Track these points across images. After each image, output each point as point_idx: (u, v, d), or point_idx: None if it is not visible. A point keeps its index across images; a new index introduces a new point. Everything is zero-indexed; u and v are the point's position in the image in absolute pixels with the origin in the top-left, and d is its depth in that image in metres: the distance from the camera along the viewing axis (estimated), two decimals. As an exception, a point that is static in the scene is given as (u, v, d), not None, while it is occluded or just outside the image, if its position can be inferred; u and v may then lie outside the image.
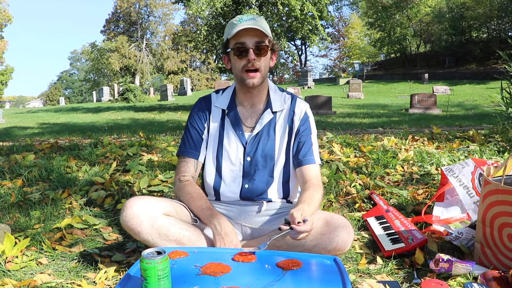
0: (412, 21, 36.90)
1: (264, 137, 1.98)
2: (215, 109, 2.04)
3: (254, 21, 1.85)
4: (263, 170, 1.98)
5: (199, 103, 2.08)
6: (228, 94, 2.06)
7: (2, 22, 40.15)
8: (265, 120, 1.99)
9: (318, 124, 9.18)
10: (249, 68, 1.87)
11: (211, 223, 1.81)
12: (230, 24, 1.90)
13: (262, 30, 1.82)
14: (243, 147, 1.98)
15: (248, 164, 1.98)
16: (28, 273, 1.91)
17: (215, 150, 2.01)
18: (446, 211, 2.47)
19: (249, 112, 2.02)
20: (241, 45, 1.85)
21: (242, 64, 1.87)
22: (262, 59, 1.88)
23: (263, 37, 1.86)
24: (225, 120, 2.02)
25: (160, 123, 11.62)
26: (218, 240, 1.77)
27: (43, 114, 18.74)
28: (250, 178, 1.98)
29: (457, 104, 17.10)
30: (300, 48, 52.08)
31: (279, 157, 1.99)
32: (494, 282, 1.59)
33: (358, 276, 1.87)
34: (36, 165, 3.53)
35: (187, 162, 2.01)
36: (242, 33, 1.82)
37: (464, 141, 4.51)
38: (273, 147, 1.98)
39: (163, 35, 53.73)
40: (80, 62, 74.50)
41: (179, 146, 2.07)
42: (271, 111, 2.00)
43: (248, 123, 2.01)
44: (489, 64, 30.01)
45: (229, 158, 1.99)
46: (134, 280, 1.41)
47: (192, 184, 1.96)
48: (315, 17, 16.17)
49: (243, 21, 1.84)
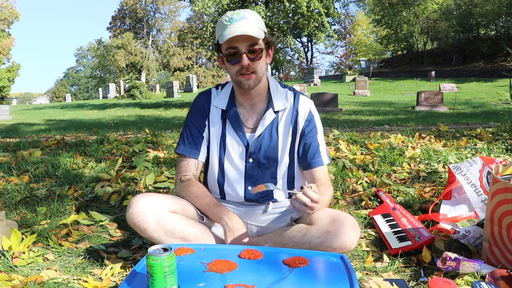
0: (419, 18, 36.74)
1: (266, 139, 1.91)
2: (214, 107, 1.97)
3: (246, 20, 1.74)
4: (267, 172, 1.93)
5: (199, 99, 2.01)
6: (227, 93, 1.97)
7: (10, 19, 40.35)
8: (267, 121, 1.90)
9: (324, 122, 9.17)
10: (243, 72, 1.78)
11: (221, 219, 1.79)
12: (220, 23, 1.78)
13: (255, 36, 1.72)
14: (245, 149, 1.92)
15: (251, 166, 1.92)
16: (35, 269, 1.91)
17: (218, 151, 1.95)
18: (454, 209, 2.46)
19: (249, 113, 1.94)
20: (233, 50, 1.76)
21: (236, 69, 1.79)
22: (256, 62, 1.79)
23: (256, 39, 1.75)
24: (226, 120, 1.94)
25: (166, 119, 11.63)
26: (230, 236, 1.75)
27: (49, 111, 18.82)
28: (253, 180, 1.93)
29: (464, 102, 16.99)
30: (306, 45, 52.01)
31: (283, 158, 1.94)
32: (503, 281, 1.58)
33: (365, 274, 1.86)
34: (42, 162, 3.55)
35: (187, 161, 1.96)
36: (234, 38, 1.71)
37: (471, 139, 4.48)
38: (276, 149, 1.92)
39: (169, 32, 53.85)
40: (86, 59, 74.93)
41: (178, 142, 2.00)
42: (273, 110, 1.91)
43: (249, 124, 1.94)
44: (497, 62, 29.83)
45: (231, 160, 1.93)
46: (140, 277, 1.40)
47: (194, 183, 1.92)
48: (322, 14, 16.11)
49: (233, 22, 1.73)
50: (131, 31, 51.02)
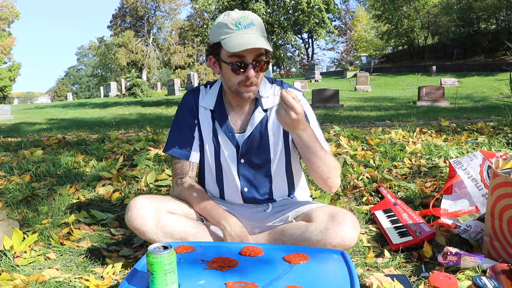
0: (419, 13, 36.66)
1: (257, 138, 1.86)
2: (202, 108, 1.91)
3: (254, 28, 1.66)
4: (260, 172, 1.90)
5: (187, 97, 1.95)
6: (215, 93, 1.91)
7: (10, 18, 40.38)
8: (256, 120, 1.85)
9: (326, 118, 9.18)
10: (246, 84, 1.71)
11: (220, 224, 1.78)
12: (223, 25, 1.67)
13: (270, 49, 1.66)
14: (235, 150, 1.87)
15: (243, 166, 1.89)
16: (37, 268, 1.92)
17: (210, 152, 1.91)
18: (454, 204, 2.45)
19: (238, 113, 1.89)
20: (240, 60, 1.66)
21: (238, 80, 1.71)
22: (260, 73, 1.74)
23: (262, 49, 1.67)
24: (214, 121, 1.89)
25: (168, 117, 11.63)
26: (229, 241, 1.75)
27: (51, 110, 18.86)
28: (248, 181, 1.91)
29: (466, 96, 16.97)
30: (307, 41, 51.91)
31: (275, 157, 1.90)
32: (504, 275, 1.58)
33: (366, 269, 1.86)
34: (44, 161, 3.55)
35: (182, 163, 1.92)
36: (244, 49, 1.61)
37: (472, 133, 4.47)
38: (267, 148, 1.88)
39: (169, 30, 53.78)
40: (88, 57, 74.95)
41: (167, 142, 1.94)
42: (262, 109, 1.86)
43: (238, 124, 1.89)
44: (498, 56, 29.75)
45: (224, 161, 1.90)
46: (141, 275, 1.41)
47: (191, 186, 1.90)
48: (322, 10, 16.12)
49: (241, 28, 1.63)
50: (131, 29, 50.94)
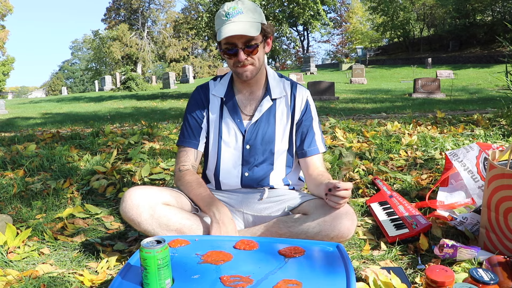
0: (415, 4, 36.53)
1: (263, 125, 1.95)
2: (213, 97, 2.00)
3: (242, 16, 1.76)
4: (263, 158, 1.96)
5: (197, 92, 2.04)
6: (226, 82, 2.02)
7: (3, 12, 40.02)
8: (264, 108, 1.94)
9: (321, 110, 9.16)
10: (240, 66, 1.83)
11: (210, 210, 1.79)
12: (218, 17, 1.81)
13: (249, 35, 1.74)
14: (242, 135, 1.95)
15: (248, 152, 1.95)
16: (30, 264, 1.90)
17: (215, 139, 1.98)
18: (451, 196, 2.45)
19: (247, 100, 1.98)
20: (230, 46, 1.79)
21: (232, 62, 1.84)
22: (253, 55, 1.82)
23: (251, 36, 1.77)
24: (224, 108, 1.98)
25: (163, 111, 11.59)
26: (215, 228, 1.74)
27: (45, 104, 18.73)
28: (250, 166, 1.96)
29: (461, 88, 16.97)
30: (302, 34, 51.67)
31: (280, 144, 1.96)
32: (500, 267, 1.57)
33: (362, 262, 1.85)
34: (37, 155, 3.53)
35: (187, 151, 1.99)
36: (230, 36, 1.74)
37: (468, 125, 4.47)
38: (273, 135, 1.95)
39: (164, 23, 53.38)
40: (82, 51, 74.42)
41: (179, 136, 2.05)
42: (270, 98, 1.95)
43: (247, 111, 1.97)
44: (494, 48, 29.76)
45: (228, 147, 1.96)
46: (135, 270, 1.39)
47: (191, 173, 1.94)
48: (317, 2, 16.06)
49: (230, 17, 1.75)
50: (126, 22, 50.55)
